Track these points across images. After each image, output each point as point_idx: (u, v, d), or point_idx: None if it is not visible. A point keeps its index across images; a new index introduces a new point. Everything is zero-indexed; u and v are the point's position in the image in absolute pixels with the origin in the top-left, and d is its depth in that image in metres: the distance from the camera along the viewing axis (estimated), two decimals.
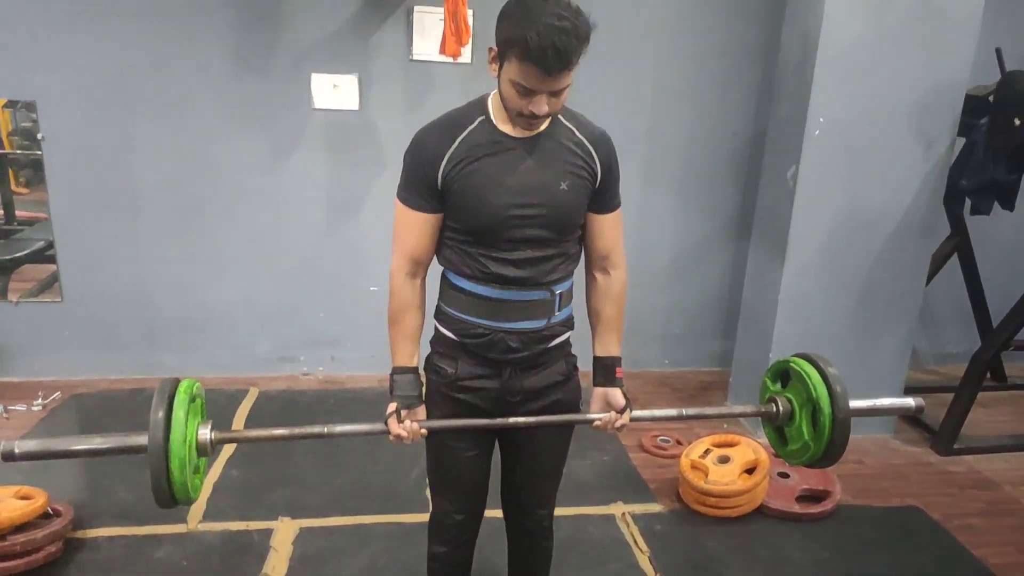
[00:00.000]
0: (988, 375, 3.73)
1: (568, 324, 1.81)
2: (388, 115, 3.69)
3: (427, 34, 3.56)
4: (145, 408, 1.50)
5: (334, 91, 3.62)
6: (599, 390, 1.82)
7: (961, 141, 3.43)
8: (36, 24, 3.37)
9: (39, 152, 3.54)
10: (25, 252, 3.74)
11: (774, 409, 1.81)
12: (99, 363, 3.84)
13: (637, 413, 1.79)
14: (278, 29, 3.52)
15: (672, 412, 1.84)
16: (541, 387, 1.78)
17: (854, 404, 1.72)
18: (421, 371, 1.79)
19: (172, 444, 1.45)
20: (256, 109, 3.61)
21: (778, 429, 1.85)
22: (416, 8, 3.52)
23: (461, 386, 1.76)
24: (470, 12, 3.28)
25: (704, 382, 4.23)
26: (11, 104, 3.50)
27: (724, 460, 2.90)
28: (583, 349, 1.87)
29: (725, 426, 3.63)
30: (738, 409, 2.33)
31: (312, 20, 3.53)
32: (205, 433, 1.57)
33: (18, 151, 3.59)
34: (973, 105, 3.31)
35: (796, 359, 1.80)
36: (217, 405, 1.69)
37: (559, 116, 1.67)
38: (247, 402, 3.67)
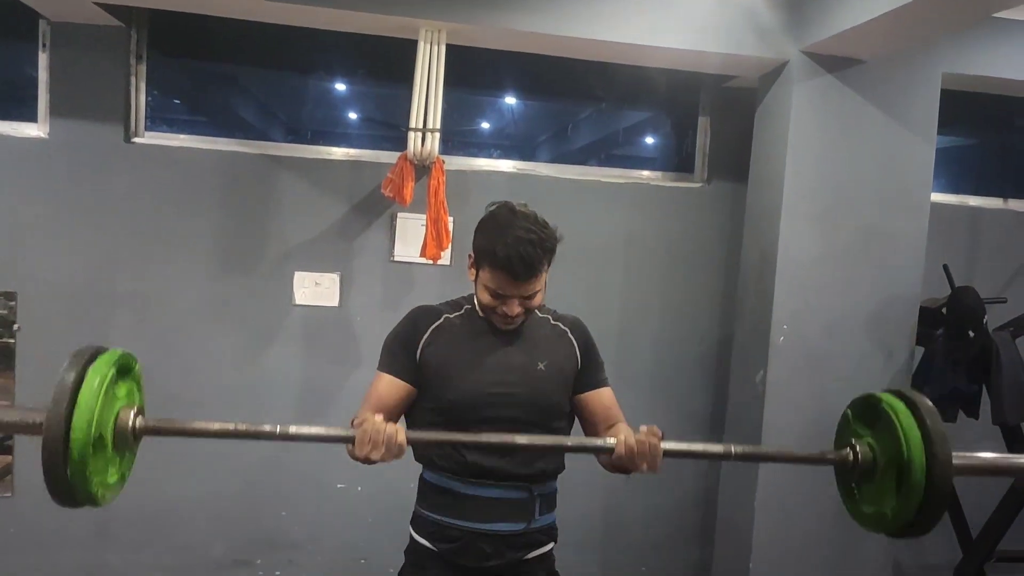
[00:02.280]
0: None
1: (550, 534, 1.75)
2: (366, 311, 3.77)
3: (409, 238, 3.73)
4: None
5: (315, 288, 3.72)
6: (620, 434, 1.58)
7: (921, 350, 3.56)
8: (22, 217, 3.49)
9: (11, 340, 3.53)
10: None
11: (850, 458, 1.42)
12: (42, 563, 3.58)
13: (669, 445, 1.55)
14: (265, 230, 3.68)
15: (719, 448, 1.48)
16: None
17: (959, 459, 1.32)
18: None
19: (76, 417, 1.14)
20: (237, 305, 3.68)
21: (851, 482, 1.47)
22: (400, 214, 3.72)
23: None
24: (451, 219, 3.49)
25: None
26: None
27: None
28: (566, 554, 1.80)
29: None
30: (802, 453, 1.77)
31: (299, 223, 3.70)
32: (128, 416, 1.28)
33: None
34: (928, 317, 3.47)
35: (888, 396, 1.44)
36: None
37: (535, 311, 1.79)
38: None
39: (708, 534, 3.89)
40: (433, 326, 1.73)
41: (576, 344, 1.80)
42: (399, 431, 1.45)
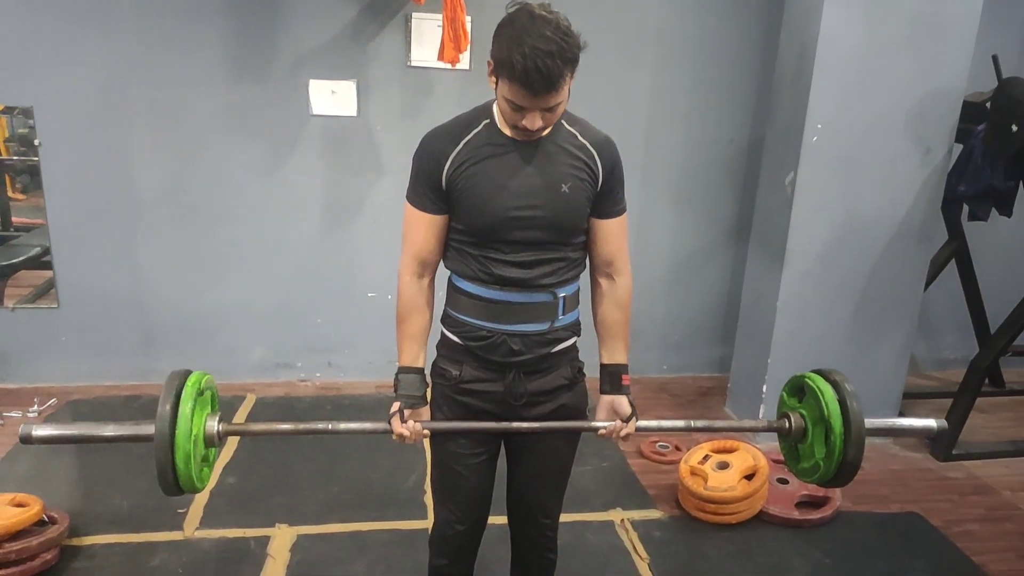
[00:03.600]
0: (986, 381, 3.73)
1: (573, 329, 1.81)
2: (386, 121, 3.69)
3: (425, 41, 3.56)
4: (140, 415, 1.52)
5: (332, 97, 3.62)
6: (605, 398, 1.82)
7: (959, 147, 3.44)
8: (33, 30, 3.36)
9: (36, 158, 3.53)
10: (21, 258, 3.73)
11: (786, 425, 1.77)
12: (95, 369, 3.82)
13: (643, 423, 1.78)
14: (276, 35, 3.52)
15: (679, 423, 1.82)
16: (546, 390, 1.78)
17: (870, 423, 1.67)
18: (427, 374, 1.79)
19: (178, 437, 1.52)
20: (254, 115, 3.61)
21: (791, 445, 1.82)
22: (414, 15, 3.52)
23: (465, 389, 1.76)
24: (468, 19, 3.30)
25: (703, 388, 4.22)
26: (8, 110, 3.49)
27: (723, 466, 2.89)
28: (590, 356, 1.86)
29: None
30: (748, 423, 2.42)
31: (310, 26, 3.53)
32: (213, 425, 1.63)
33: (15, 157, 3.58)
34: (970, 112, 3.32)
35: (812, 375, 1.76)
36: None
37: (562, 121, 1.69)
38: (244, 408, 3.66)
39: (729, 333, 4.00)
40: (453, 154, 1.64)
41: (601, 168, 1.71)
42: (423, 429, 1.71)
